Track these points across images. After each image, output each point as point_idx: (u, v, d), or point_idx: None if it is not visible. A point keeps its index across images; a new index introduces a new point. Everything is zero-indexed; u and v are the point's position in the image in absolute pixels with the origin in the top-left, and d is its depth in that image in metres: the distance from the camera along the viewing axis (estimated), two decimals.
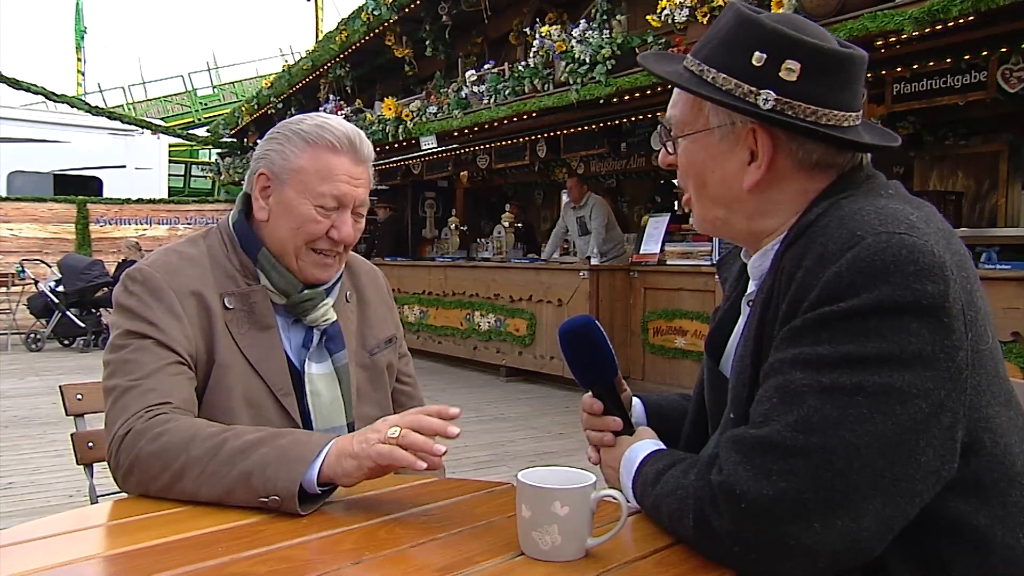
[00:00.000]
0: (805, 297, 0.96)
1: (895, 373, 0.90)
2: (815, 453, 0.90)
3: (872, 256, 0.93)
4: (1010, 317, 4.29)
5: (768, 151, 1.08)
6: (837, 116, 1.06)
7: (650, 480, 1.08)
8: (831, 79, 1.05)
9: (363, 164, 1.49)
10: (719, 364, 1.21)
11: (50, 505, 3.97)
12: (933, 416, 0.91)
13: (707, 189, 1.14)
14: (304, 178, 1.44)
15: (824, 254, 0.96)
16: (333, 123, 1.47)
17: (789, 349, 0.96)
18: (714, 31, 1.12)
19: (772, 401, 0.96)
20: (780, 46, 1.04)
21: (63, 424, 2.12)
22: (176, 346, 1.36)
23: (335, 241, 1.47)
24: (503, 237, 9.75)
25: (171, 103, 22.44)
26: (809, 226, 1.02)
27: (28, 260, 10.99)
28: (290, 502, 1.12)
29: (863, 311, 0.91)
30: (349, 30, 9.44)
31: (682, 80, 1.11)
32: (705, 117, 1.11)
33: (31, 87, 11.89)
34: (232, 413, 1.38)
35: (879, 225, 0.95)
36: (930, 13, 4.03)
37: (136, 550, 1.02)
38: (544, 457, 4.67)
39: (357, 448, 1.15)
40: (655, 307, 6.68)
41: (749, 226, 1.14)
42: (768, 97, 1.04)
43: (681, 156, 1.16)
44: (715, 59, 1.09)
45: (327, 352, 1.51)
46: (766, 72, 1.04)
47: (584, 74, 6.13)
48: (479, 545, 1.02)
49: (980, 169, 7.12)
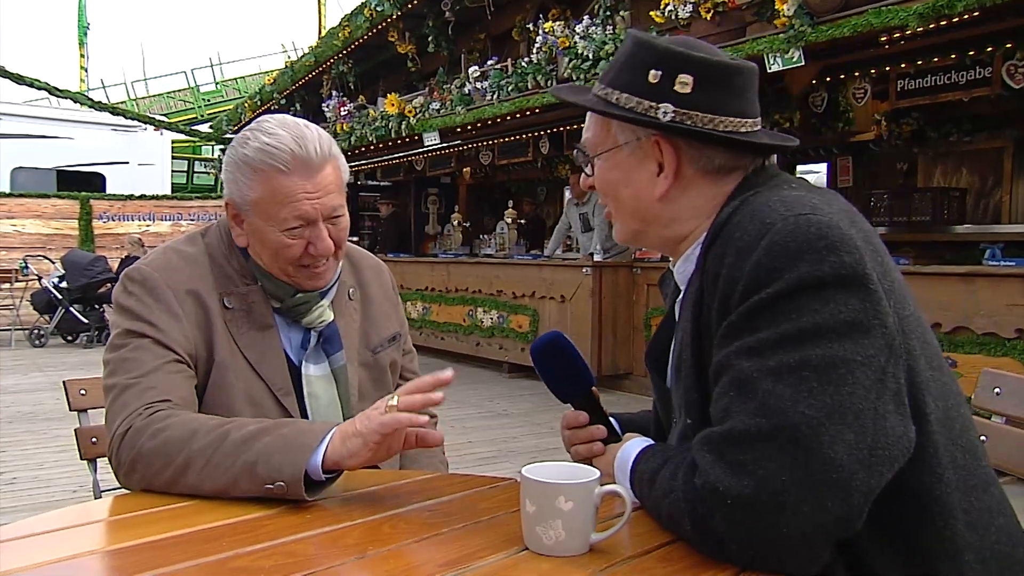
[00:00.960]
0: (734, 291, 1.00)
1: (834, 344, 0.93)
2: (780, 433, 0.91)
3: (784, 239, 0.98)
4: (1014, 314, 4.27)
5: (673, 160, 1.14)
6: (734, 123, 1.13)
7: (646, 480, 1.09)
8: (723, 89, 1.13)
9: (319, 172, 1.39)
10: (665, 378, 1.24)
11: (54, 500, 3.98)
12: (880, 382, 0.94)
13: (623, 203, 1.21)
14: (264, 208, 1.40)
15: (742, 247, 1.01)
16: (276, 141, 1.37)
17: (732, 343, 0.99)
18: (616, 57, 1.20)
19: (729, 396, 0.98)
20: (672, 62, 1.12)
21: (67, 420, 2.12)
22: (175, 345, 1.36)
23: (317, 255, 1.43)
24: (506, 233, 9.75)
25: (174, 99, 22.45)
26: (724, 225, 1.07)
27: (31, 256, 11.00)
28: (296, 487, 1.12)
29: (788, 291, 0.95)
30: (352, 26, 9.43)
31: (590, 103, 1.19)
32: (613, 136, 1.18)
33: (34, 83, 11.88)
34: (233, 412, 1.38)
35: (785, 211, 1.01)
36: (935, 9, 4.02)
37: (139, 545, 1.02)
38: (547, 453, 4.67)
39: (360, 427, 1.16)
40: (658, 304, 6.67)
41: (665, 234, 1.20)
42: (667, 110, 1.11)
43: (597, 176, 1.22)
44: (618, 81, 1.16)
45: (324, 353, 1.51)
46: (662, 87, 1.12)
47: (587, 70, 6.11)
48: (483, 540, 1.02)
49: (984, 165, 7.10)
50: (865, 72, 5.72)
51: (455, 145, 9.28)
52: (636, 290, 6.98)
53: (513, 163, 9.97)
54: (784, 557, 0.92)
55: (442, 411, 1.43)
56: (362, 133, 9.27)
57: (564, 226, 8.41)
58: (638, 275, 6.96)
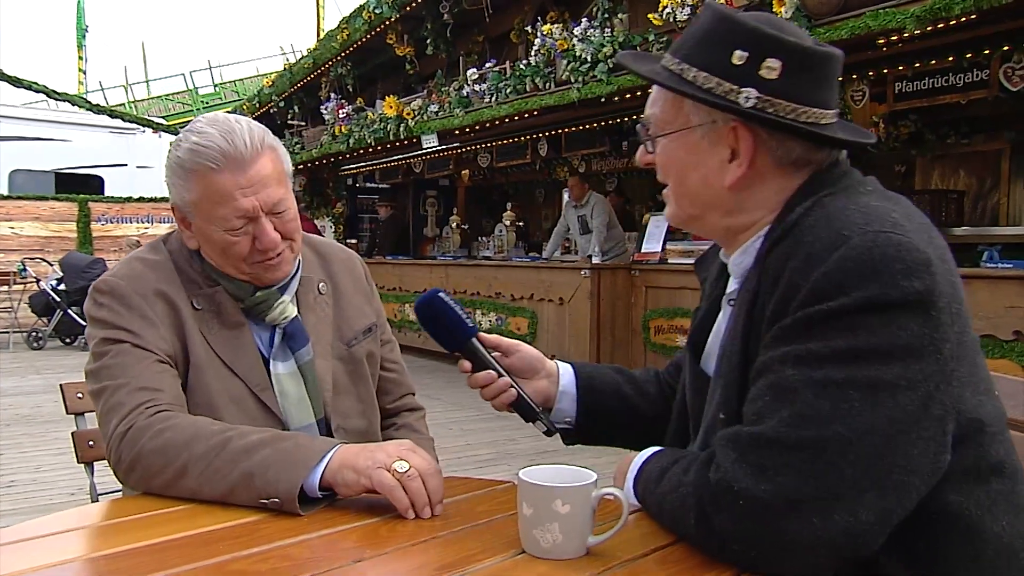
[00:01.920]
0: (794, 296, 0.97)
1: (884, 367, 0.91)
2: (809, 447, 0.91)
3: (859, 255, 0.94)
4: (1012, 316, 4.28)
5: (750, 149, 1.09)
6: (816, 114, 1.07)
7: (653, 478, 1.08)
8: (810, 77, 1.07)
9: (252, 165, 1.37)
10: (700, 362, 1.23)
11: (52, 503, 3.98)
12: (923, 408, 0.92)
13: (687, 187, 1.15)
14: (203, 208, 1.39)
15: (812, 254, 0.97)
16: (205, 140, 1.36)
17: (780, 347, 0.97)
18: (693, 30, 1.13)
19: (765, 399, 0.97)
20: (760, 44, 1.06)
21: (65, 422, 2.12)
22: (154, 348, 1.36)
23: (264, 249, 1.42)
24: (504, 236, 9.75)
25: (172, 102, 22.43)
26: (794, 226, 1.03)
27: (30, 258, 11.00)
28: (290, 505, 1.12)
29: (852, 309, 0.93)
30: (350, 28, 9.43)
31: (662, 78, 1.12)
32: (685, 115, 1.12)
33: (32, 85, 11.88)
34: (218, 411, 1.38)
35: (864, 224, 0.96)
36: (932, 11, 4.02)
37: (137, 548, 1.02)
38: (545, 455, 4.67)
39: (362, 464, 1.14)
40: (656, 306, 6.67)
41: (725, 223, 1.15)
42: (749, 95, 1.05)
43: (660, 154, 1.17)
44: (695, 57, 1.09)
45: (290, 350, 1.50)
46: (747, 70, 1.06)
47: (585, 72, 6.12)
48: (480, 543, 1.02)
49: (982, 167, 7.11)
50: (863, 74, 5.72)
51: (453, 147, 9.28)
52: (634, 292, 6.97)
53: (511, 165, 9.97)
54: (785, 562, 0.93)
55: (441, 413, 1.44)
56: (360, 135, 9.26)
57: (563, 228, 8.41)
58: (636, 277, 6.96)
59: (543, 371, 1.36)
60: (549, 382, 1.37)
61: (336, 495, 1.18)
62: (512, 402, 1.29)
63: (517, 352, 1.35)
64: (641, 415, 1.39)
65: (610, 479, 1.17)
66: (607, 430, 1.40)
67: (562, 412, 1.37)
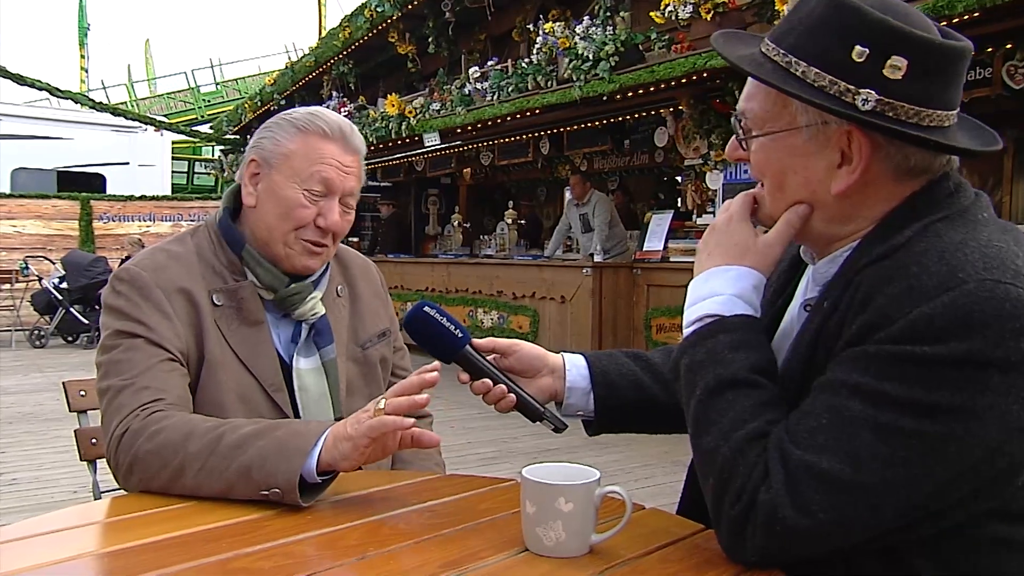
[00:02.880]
0: (883, 327, 0.88)
1: (959, 424, 0.85)
2: (859, 491, 0.87)
3: (971, 304, 0.85)
4: None
5: (866, 155, 0.97)
6: (939, 116, 0.95)
7: (717, 358, 0.99)
8: (938, 76, 0.95)
9: (353, 154, 1.50)
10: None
11: (54, 501, 3.98)
12: (986, 461, 0.87)
13: (786, 191, 1.03)
14: (293, 162, 1.44)
15: (916, 287, 0.88)
16: (326, 113, 1.49)
17: (852, 373, 0.90)
18: (801, 15, 0.99)
19: (822, 421, 0.91)
20: (885, 40, 0.93)
21: (67, 420, 2.12)
22: (167, 344, 1.36)
23: (323, 229, 1.46)
24: (506, 234, 9.75)
25: (175, 100, 22.47)
26: (899, 248, 0.93)
27: (32, 256, 11.00)
28: (291, 494, 1.12)
29: (946, 361, 0.85)
30: (352, 27, 9.44)
31: (764, 72, 0.99)
32: (791, 114, 1.00)
33: (35, 83, 11.87)
34: (225, 409, 1.38)
35: (984, 270, 0.87)
36: (935, 10, 4.02)
37: (139, 546, 1.02)
38: (548, 454, 4.66)
39: (351, 430, 1.16)
40: (658, 304, 6.66)
41: (823, 230, 1.04)
42: (868, 97, 0.93)
43: (758, 153, 1.05)
44: (805, 49, 0.96)
45: (315, 346, 1.51)
46: (867, 69, 0.93)
47: (587, 71, 6.11)
48: (483, 541, 1.02)
49: (985, 166, 7.10)
50: None
51: (455, 146, 9.27)
52: (636, 291, 6.97)
53: (513, 164, 9.96)
54: (792, 561, 0.93)
55: (443, 411, 1.44)
56: (362, 134, 9.23)
57: (564, 226, 8.41)
58: (638, 275, 6.95)
59: (545, 368, 1.31)
60: (553, 378, 1.31)
61: (334, 476, 1.18)
62: (514, 405, 1.28)
63: (515, 352, 1.29)
64: (661, 404, 1.32)
65: (613, 477, 1.17)
66: (628, 420, 1.35)
67: (573, 406, 1.31)
